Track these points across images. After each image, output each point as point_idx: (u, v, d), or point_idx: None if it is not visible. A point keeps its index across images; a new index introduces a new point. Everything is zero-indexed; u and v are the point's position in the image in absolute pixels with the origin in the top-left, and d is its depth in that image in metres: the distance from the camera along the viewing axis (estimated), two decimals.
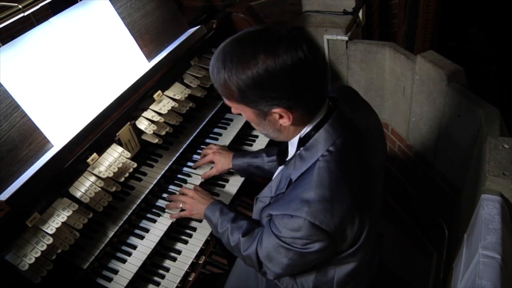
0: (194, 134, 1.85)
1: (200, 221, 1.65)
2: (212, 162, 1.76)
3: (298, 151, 1.14)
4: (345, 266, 1.26)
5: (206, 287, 1.67)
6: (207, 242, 1.59)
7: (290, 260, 1.14)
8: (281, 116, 1.06)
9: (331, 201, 1.04)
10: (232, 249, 1.37)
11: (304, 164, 1.11)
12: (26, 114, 1.32)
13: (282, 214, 1.09)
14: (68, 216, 1.32)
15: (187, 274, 1.51)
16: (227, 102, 1.11)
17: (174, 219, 1.59)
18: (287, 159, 1.23)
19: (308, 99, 1.05)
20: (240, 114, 1.15)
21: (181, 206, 1.58)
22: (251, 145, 1.98)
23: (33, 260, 1.22)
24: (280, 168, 1.31)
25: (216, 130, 1.98)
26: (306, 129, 1.12)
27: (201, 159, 1.79)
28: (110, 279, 1.43)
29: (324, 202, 1.04)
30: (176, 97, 1.69)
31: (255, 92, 1.00)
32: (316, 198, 1.04)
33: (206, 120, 1.92)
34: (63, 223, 1.31)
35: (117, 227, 1.50)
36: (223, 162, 1.71)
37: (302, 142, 1.13)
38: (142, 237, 1.54)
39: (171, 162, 1.73)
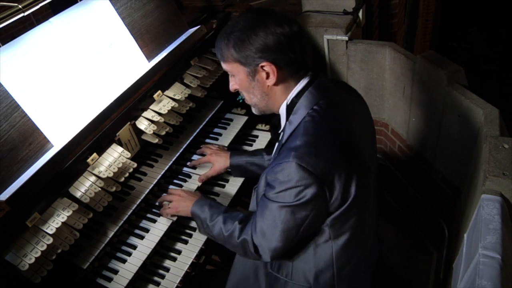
0: (194, 134, 1.85)
1: None
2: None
3: (287, 119, 1.25)
4: (341, 238, 1.27)
5: (201, 285, 1.67)
6: (207, 242, 1.59)
7: (284, 223, 1.17)
8: (267, 76, 1.21)
9: (315, 144, 1.14)
10: (225, 240, 1.37)
11: (293, 126, 1.22)
12: (26, 114, 1.32)
13: (273, 166, 1.17)
14: (68, 216, 1.32)
15: (187, 274, 1.51)
16: (224, 65, 1.28)
17: (173, 219, 1.59)
18: (280, 130, 1.33)
19: (291, 58, 1.19)
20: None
21: (168, 205, 1.59)
22: (251, 145, 1.98)
23: (33, 260, 1.22)
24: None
25: (216, 130, 1.98)
26: (291, 96, 1.25)
27: (198, 159, 1.80)
28: (110, 279, 1.43)
29: (309, 146, 1.13)
30: (176, 97, 1.69)
31: (240, 50, 1.19)
32: (302, 143, 1.14)
33: (206, 120, 1.92)
34: (63, 223, 1.31)
35: (117, 227, 1.50)
36: (220, 162, 1.72)
37: (289, 110, 1.25)
38: (142, 237, 1.54)
39: (171, 162, 1.73)
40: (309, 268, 1.32)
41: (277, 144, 1.37)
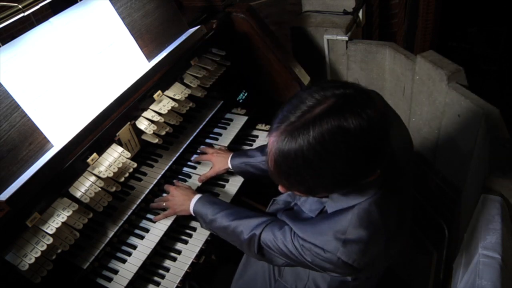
0: (194, 134, 1.85)
1: None
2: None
3: None
4: (361, 277, 1.26)
5: (205, 279, 1.67)
6: (207, 242, 1.59)
7: (301, 265, 1.14)
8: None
9: (366, 243, 1.03)
10: (228, 234, 1.35)
11: (345, 202, 1.06)
12: (26, 114, 1.32)
13: (313, 243, 1.06)
14: (68, 216, 1.32)
15: (187, 274, 1.51)
16: (281, 185, 1.02)
17: (173, 217, 1.58)
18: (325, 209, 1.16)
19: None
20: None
21: (164, 205, 1.58)
22: (251, 145, 1.98)
23: (33, 260, 1.22)
24: None
25: (216, 130, 1.98)
26: None
27: (199, 155, 1.79)
28: (110, 279, 1.43)
29: (360, 243, 1.02)
30: (176, 97, 1.69)
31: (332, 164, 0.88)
32: (352, 238, 1.02)
33: (206, 120, 1.92)
34: (63, 223, 1.31)
35: (117, 227, 1.50)
36: (220, 163, 1.71)
37: None
38: (142, 237, 1.54)
39: (171, 162, 1.73)
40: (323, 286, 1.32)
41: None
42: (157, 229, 1.57)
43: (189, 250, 1.57)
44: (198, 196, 1.52)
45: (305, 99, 0.86)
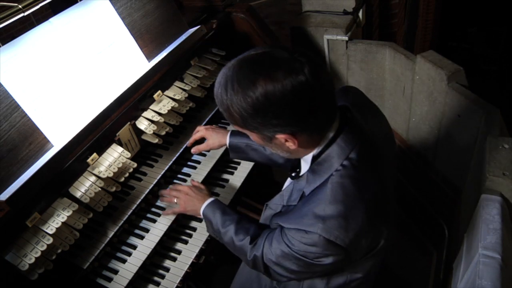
0: None
1: (200, 220, 1.65)
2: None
3: (311, 166, 1.12)
4: (358, 273, 1.25)
5: (203, 279, 1.67)
6: (207, 242, 1.59)
7: (300, 267, 1.12)
8: (286, 140, 1.04)
9: (345, 217, 1.02)
10: (234, 250, 1.34)
11: (318, 179, 1.09)
12: (26, 114, 1.32)
13: (295, 228, 1.07)
14: (68, 216, 1.32)
15: (187, 274, 1.51)
16: (233, 126, 1.09)
17: (173, 217, 1.57)
18: (300, 174, 1.20)
19: (312, 123, 1.01)
20: None
21: (175, 201, 1.53)
22: None
23: (33, 260, 1.22)
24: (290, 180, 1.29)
25: None
26: (317, 150, 1.09)
27: (193, 134, 1.70)
28: (110, 279, 1.43)
29: (339, 218, 1.02)
30: (176, 97, 1.69)
31: (256, 119, 0.98)
32: (331, 214, 1.02)
33: (206, 120, 1.92)
34: (63, 223, 1.31)
35: (117, 227, 1.50)
36: (215, 138, 1.61)
37: (315, 158, 1.11)
38: (142, 237, 1.54)
39: (171, 162, 1.73)
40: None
41: (292, 183, 1.23)
42: (157, 229, 1.57)
43: (189, 250, 1.57)
44: (211, 199, 1.46)
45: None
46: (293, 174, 1.23)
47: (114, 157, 1.48)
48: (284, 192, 1.23)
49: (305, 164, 1.17)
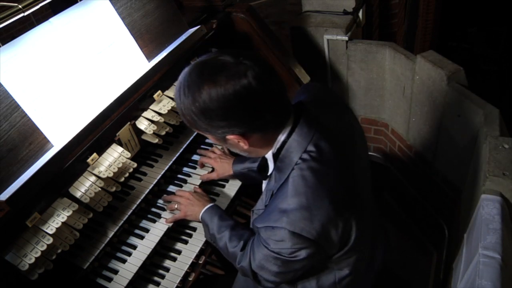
0: (194, 134, 1.84)
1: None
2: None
3: (275, 165, 1.15)
4: (344, 269, 1.25)
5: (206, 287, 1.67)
6: (207, 242, 1.59)
7: (280, 267, 1.14)
8: (238, 141, 1.08)
9: (308, 208, 1.04)
10: (227, 256, 1.36)
11: (282, 176, 1.11)
12: (26, 114, 1.32)
13: (265, 226, 1.10)
14: (68, 216, 1.32)
15: (187, 274, 1.51)
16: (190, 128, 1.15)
17: (170, 223, 1.57)
18: (268, 173, 1.23)
19: (260, 124, 1.05)
20: None
21: (176, 207, 1.58)
22: None
23: (33, 260, 1.22)
24: (265, 181, 1.32)
25: None
26: (276, 145, 1.13)
27: (202, 158, 1.78)
28: (110, 279, 1.43)
29: (302, 210, 1.04)
30: None
31: (204, 121, 1.04)
32: (293, 206, 1.05)
33: None
34: (63, 223, 1.31)
35: (117, 227, 1.50)
36: (224, 168, 1.70)
37: (276, 156, 1.14)
38: (142, 237, 1.54)
39: (171, 162, 1.73)
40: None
41: (265, 184, 1.27)
42: (157, 229, 1.57)
43: (189, 250, 1.57)
44: (210, 205, 1.50)
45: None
46: (262, 174, 1.29)
47: (114, 157, 1.48)
48: (263, 196, 1.27)
49: (270, 164, 1.20)
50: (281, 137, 1.11)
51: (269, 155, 1.17)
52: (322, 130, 1.13)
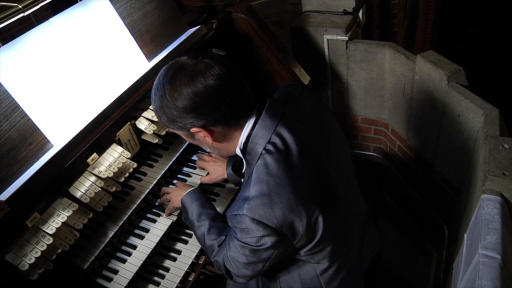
0: None
1: None
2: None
3: (245, 159, 1.19)
4: (322, 262, 1.25)
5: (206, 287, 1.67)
6: None
7: (248, 257, 1.15)
8: (204, 136, 1.14)
9: (268, 195, 1.06)
10: (203, 246, 1.37)
11: (250, 168, 1.15)
12: (26, 114, 1.32)
13: (230, 215, 1.13)
14: (68, 216, 1.32)
15: (187, 274, 1.51)
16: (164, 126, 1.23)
17: (173, 219, 1.58)
18: (242, 171, 1.27)
19: (219, 116, 1.10)
20: None
21: (167, 198, 1.60)
22: None
23: (33, 260, 1.22)
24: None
25: None
26: (241, 140, 1.17)
27: (197, 161, 1.79)
28: (110, 279, 1.43)
29: (262, 197, 1.06)
30: None
31: (167, 116, 1.12)
32: (254, 194, 1.07)
33: None
34: (63, 223, 1.31)
35: (117, 227, 1.50)
36: (217, 172, 1.71)
37: (244, 150, 1.18)
38: (142, 237, 1.54)
39: (171, 162, 1.73)
40: (297, 286, 1.32)
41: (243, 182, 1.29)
42: (157, 229, 1.57)
43: (189, 250, 1.57)
44: (192, 188, 1.51)
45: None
46: (236, 173, 1.35)
47: (114, 157, 1.48)
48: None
49: (244, 161, 1.23)
50: (245, 131, 1.16)
51: (237, 152, 1.22)
52: (287, 123, 1.16)
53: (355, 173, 1.40)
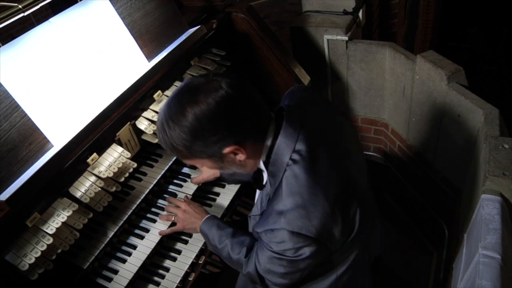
0: None
1: None
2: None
3: (268, 171, 1.17)
4: (346, 261, 1.25)
5: (206, 287, 1.67)
6: None
7: (286, 268, 1.14)
8: (235, 153, 1.10)
9: (304, 206, 1.06)
10: (232, 264, 1.36)
11: (276, 179, 1.13)
12: (26, 114, 1.32)
13: (265, 230, 1.11)
14: (68, 216, 1.32)
15: (187, 274, 1.51)
16: (183, 160, 1.16)
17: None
18: (264, 182, 1.24)
19: (250, 130, 1.09)
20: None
21: (173, 219, 1.56)
22: None
23: (33, 260, 1.22)
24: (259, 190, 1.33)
25: None
26: (264, 152, 1.15)
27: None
28: (110, 279, 1.43)
29: (298, 209, 1.06)
30: None
31: (198, 143, 1.06)
32: (289, 207, 1.06)
33: None
34: (63, 223, 1.31)
35: (117, 227, 1.50)
36: (210, 171, 1.68)
37: (267, 162, 1.16)
38: (142, 237, 1.54)
39: (171, 162, 1.73)
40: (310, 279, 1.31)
41: (261, 192, 1.28)
42: (157, 229, 1.57)
43: (189, 250, 1.57)
44: (207, 216, 1.50)
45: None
46: (258, 185, 1.29)
47: (114, 157, 1.48)
48: (257, 202, 1.28)
49: (264, 174, 1.21)
50: (267, 143, 1.14)
51: (261, 165, 1.19)
52: (307, 129, 1.14)
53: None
